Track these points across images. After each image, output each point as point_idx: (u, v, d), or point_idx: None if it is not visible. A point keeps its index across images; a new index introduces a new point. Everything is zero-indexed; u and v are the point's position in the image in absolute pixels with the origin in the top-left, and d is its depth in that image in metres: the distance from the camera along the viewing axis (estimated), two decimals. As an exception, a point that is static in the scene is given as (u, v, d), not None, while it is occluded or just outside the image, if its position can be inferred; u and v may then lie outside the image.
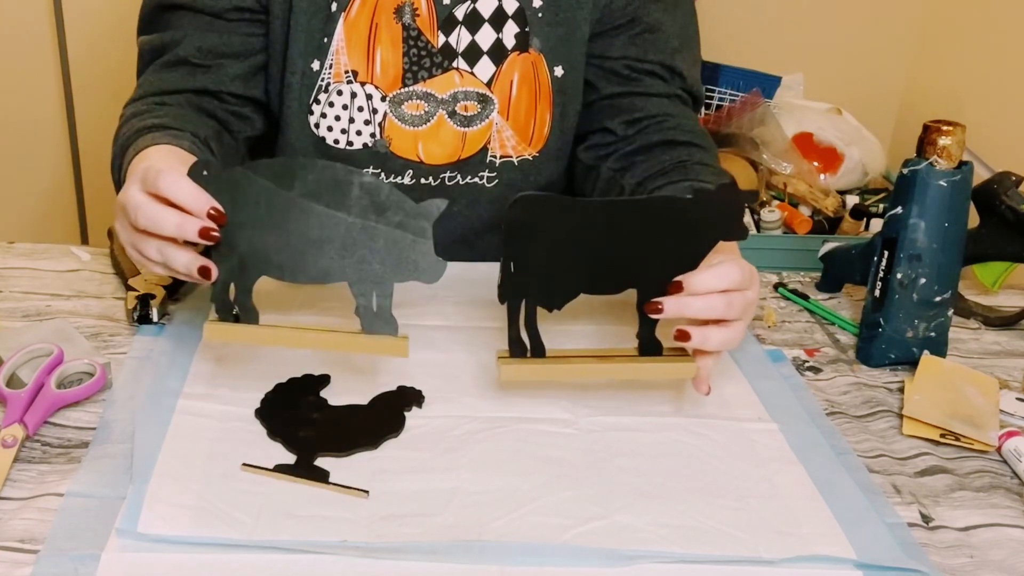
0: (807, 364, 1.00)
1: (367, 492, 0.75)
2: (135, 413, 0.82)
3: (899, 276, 0.97)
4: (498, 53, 1.04)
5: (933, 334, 1.00)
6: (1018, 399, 0.96)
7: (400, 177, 1.07)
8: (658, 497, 0.77)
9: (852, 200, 2.34)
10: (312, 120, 1.04)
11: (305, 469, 0.77)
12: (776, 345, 1.03)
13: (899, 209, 0.97)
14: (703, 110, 2.42)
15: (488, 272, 1.11)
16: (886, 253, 0.99)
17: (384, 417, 0.84)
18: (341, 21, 1.01)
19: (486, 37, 1.04)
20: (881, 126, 2.52)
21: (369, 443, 0.80)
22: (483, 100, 1.05)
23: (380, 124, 1.04)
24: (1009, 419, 0.93)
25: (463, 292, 1.07)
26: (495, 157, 1.08)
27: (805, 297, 1.13)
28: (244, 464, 0.77)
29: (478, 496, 0.76)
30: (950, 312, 1.00)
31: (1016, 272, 1.15)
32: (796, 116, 2.38)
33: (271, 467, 0.77)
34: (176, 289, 1.02)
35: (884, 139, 2.54)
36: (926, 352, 0.99)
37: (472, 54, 1.04)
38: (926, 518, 0.78)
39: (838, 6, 2.50)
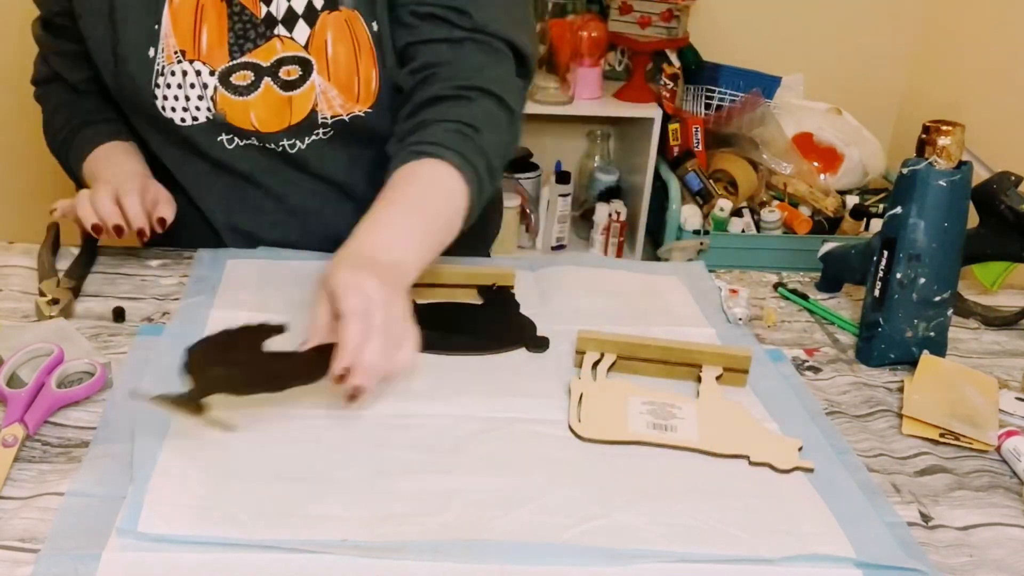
0: (807, 364, 1.00)
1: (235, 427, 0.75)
2: (135, 413, 0.82)
3: (899, 276, 0.97)
4: (311, 15, 1.06)
5: (932, 334, 1.00)
6: (1017, 399, 0.96)
7: (249, 139, 1.10)
8: (658, 497, 0.77)
9: (852, 200, 2.34)
10: (159, 103, 1.08)
11: (190, 403, 0.76)
12: (776, 345, 1.03)
13: (899, 209, 0.97)
14: (702, 106, 2.42)
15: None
16: (886, 253, 0.99)
17: (307, 365, 0.81)
18: (166, 7, 1.05)
19: (299, 0, 1.06)
20: (881, 126, 2.52)
21: (273, 387, 0.79)
22: (302, 63, 1.07)
23: (212, 98, 1.07)
24: (1008, 419, 0.93)
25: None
26: (326, 118, 1.09)
27: (805, 297, 1.13)
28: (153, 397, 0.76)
29: (478, 496, 0.76)
30: (949, 312, 1.00)
31: (1015, 272, 1.15)
32: (796, 116, 2.38)
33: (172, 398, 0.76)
34: (79, 291, 1.03)
35: (884, 139, 2.54)
36: (925, 352, 0.99)
37: (290, 19, 1.06)
38: (926, 517, 0.78)
39: (838, 6, 2.50)
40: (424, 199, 0.94)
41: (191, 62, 1.06)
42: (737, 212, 2.27)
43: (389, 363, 0.80)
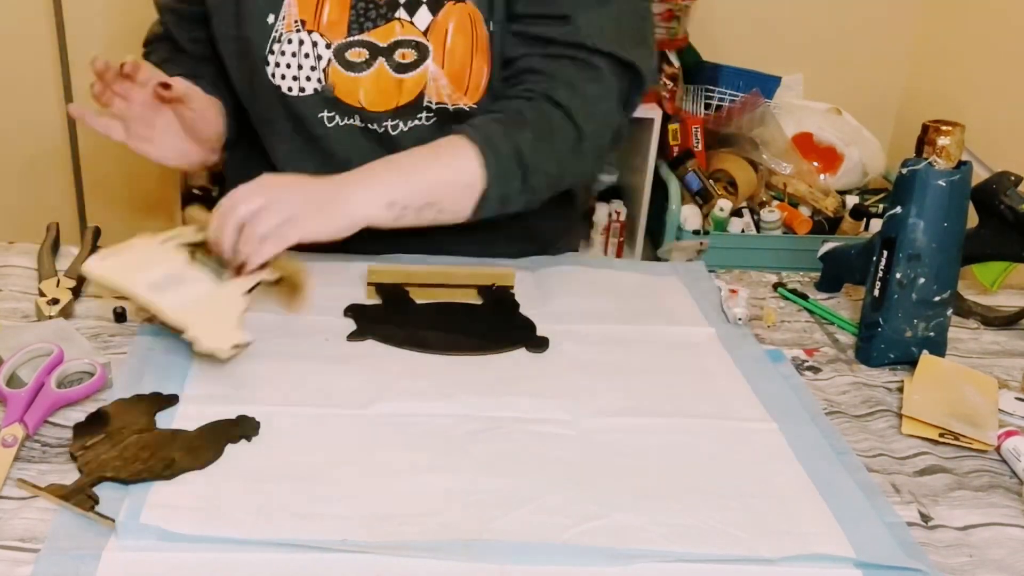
0: (806, 364, 1.00)
1: (113, 520, 0.70)
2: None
3: (898, 276, 0.97)
4: (435, 2, 1.07)
5: (932, 334, 1.00)
6: (1017, 399, 0.96)
7: (351, 119, 1.10)
8: (658, 497, 0.77)
9: (852, 200, 2.34)
10: (269, 70, 1.08)
11: (76, 492, 0.72)
12: (776, 345, 1.03)
13: (898, 209, 0.97)
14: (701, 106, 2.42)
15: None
16: (885, 253, 0.99)
17: (202, 446, 0.79)
18: None
19: None
20: (881, 126, 2.52)
21: (164, 475, 0.75)
22: (419, 47, 1.07)
23: (324, 70, 1.08)
24: (1008, 418, 0.93)
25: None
26: (430, 103, 1.09)
27: (804, 297, 1.13)
28: (20, 480, 0.74)
29: (478, 496, 0.76)
30: (949, 312, 1.00)
31: (1015, 272, 1.15)
32: (796, 116, 2.38)
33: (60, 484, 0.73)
34: (79, 291, 1.02)
35: (884, 139, 2.54)
36: (925, 352, 0.99)
37: (412, 4, 1.06)
38: (925, 517, 0.78)
39: (838, 6, 2.50)
40: (419, 162, 0.98)
41: (309, 32, 1.06)
42: (737, 212, 2.27)
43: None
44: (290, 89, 1.09)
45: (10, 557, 0.67)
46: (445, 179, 0.99)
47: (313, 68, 1.08)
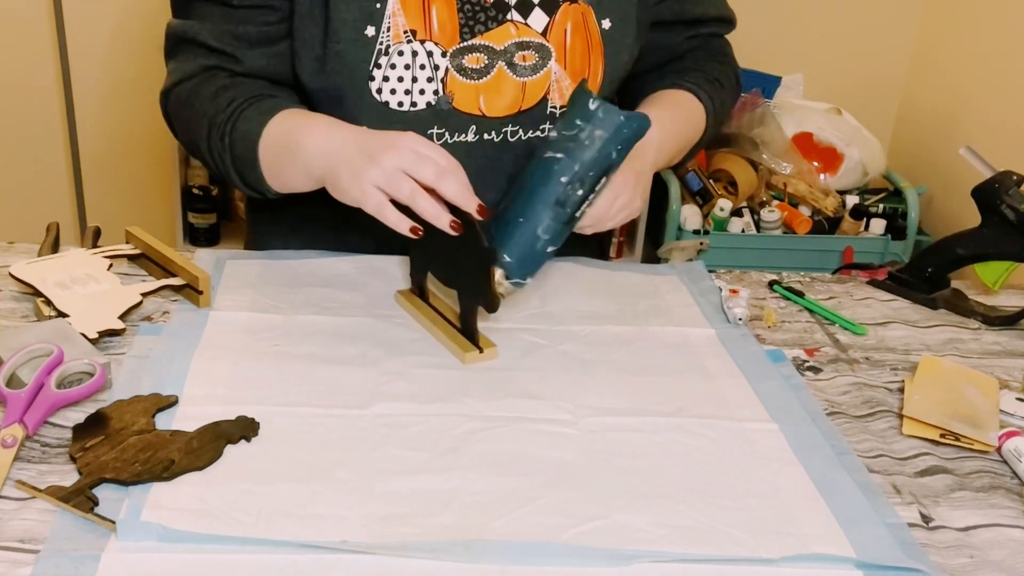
0: (807, 364, 1.00)
1: (113, 522, 0.70)
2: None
3: None
4: (550, 4, 1.06)
5: None
6: (1018, 399, 0.96)
7: (463, 134, 1.07)
8: (658, 497, 0.77)
9: (852, 200, 2.34)
10: (374, 86, 1.03)
11: (75, 494, 0.72)
12: (776, 345, 1.03)
13: None
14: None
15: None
16: None
17: (201, 447, 0.78)
18: None
19: None
20: (881, 126, 2.52)
21: (163, 476, 0.75)
22: (540, 49, 1.06)
23: (442, 80, 1.04)
24: (1009, 419, 0.93)
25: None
26: (555, 108, 1.08)
27: (800, 295, 1.13)
28: (18, 481, 0.74)
29: (478, 496, 0.76)
30: None
31: (1017, 272, 1.15)
32: (796, 116, 2.38)
33: (67, 487, 0.73)
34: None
35: (884, 139, 2.54)
36: (926, 353, 0.99)
37: (525, 6, 1.05)
38: (926, 518, 0.78)
39: (838, 6, 2.50)
40: (679, 109, 1.14)
41: (422, 42, 1.02)
42: (737, 212, 2.27)
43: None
44: (400, 104, 1.03)
45: (10, 558, 0.67)
46: (686, 142, 1.17)
47: (430, 80, 1.03)
